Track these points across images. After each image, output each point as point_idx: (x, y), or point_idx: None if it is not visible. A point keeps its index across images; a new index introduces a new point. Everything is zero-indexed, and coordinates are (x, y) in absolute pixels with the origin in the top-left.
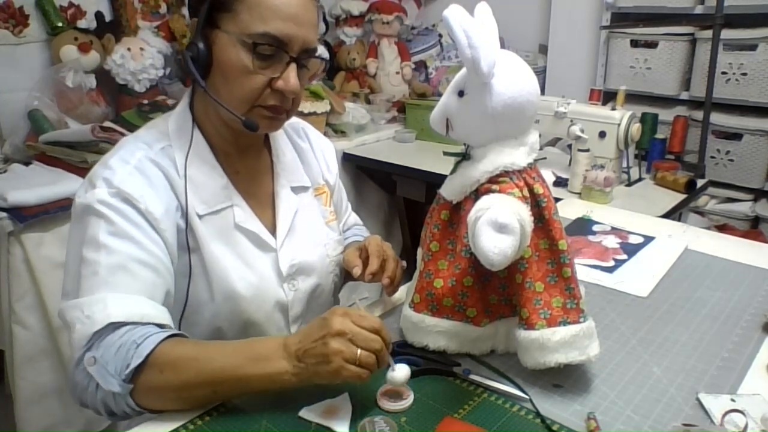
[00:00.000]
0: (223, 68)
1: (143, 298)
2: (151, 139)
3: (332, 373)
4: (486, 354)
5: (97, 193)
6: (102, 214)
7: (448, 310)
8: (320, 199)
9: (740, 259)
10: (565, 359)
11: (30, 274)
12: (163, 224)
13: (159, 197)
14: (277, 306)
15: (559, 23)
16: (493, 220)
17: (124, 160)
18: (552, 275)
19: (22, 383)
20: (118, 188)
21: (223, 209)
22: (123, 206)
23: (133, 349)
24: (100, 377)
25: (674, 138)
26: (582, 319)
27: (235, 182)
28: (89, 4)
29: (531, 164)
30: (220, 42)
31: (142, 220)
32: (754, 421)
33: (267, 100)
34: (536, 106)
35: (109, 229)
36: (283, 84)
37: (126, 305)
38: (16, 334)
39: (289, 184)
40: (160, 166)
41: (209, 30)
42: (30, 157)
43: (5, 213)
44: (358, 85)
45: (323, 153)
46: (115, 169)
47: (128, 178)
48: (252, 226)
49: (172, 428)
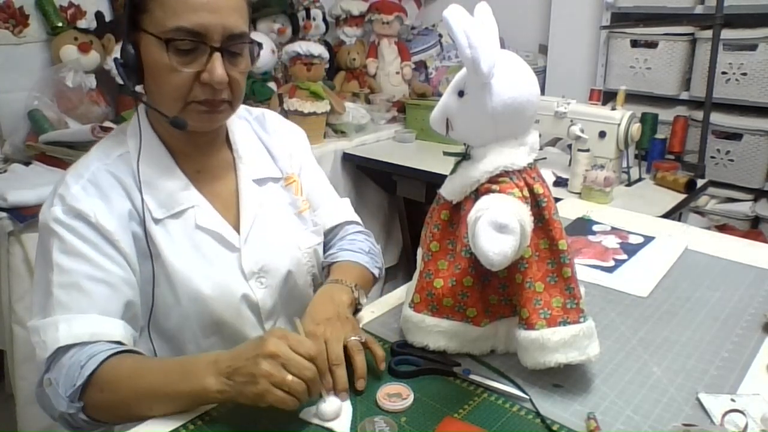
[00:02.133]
0: (150, 70)
1: (95, 316)
2: (109, 148)
3: (257, 395)
4: (486, 354)
5: (53, 212)
6: (55, 233)
7: (448, 310)
8: (290, 189)
9: (740, 259)
10: (565, 359)
11: (30, 274)
12: (117, 236)
13: (111, 209)
14: (246, 303)
15: (559, 23)
16: (493, 220)
17: (79, 174)
18: (552, 275)
19: (22, 383)
20: (70, 205)
21: (184, 211)
22: (75, 223)
23: (78, 370)
24: (54, 398)
25: (674, 138)
26: (582, 319)
27: (197, 182)
28: (89, 4)
29: (531, 164)
30: (144, 44)
31: (95, 234)
32: (754, 421)
33: (198, 95)
34: (536, 106)
35: (61, 247)
36: (208, 76)
37: (76, 326)
38: (16, 334)
39: (251, 177)
40: (115, 175)
41: (135, 34)
42: (30, 157)
43: (5, 213)
44: (358, 85)
45: (287, 141)
46: (69, 185)
47: (80, 193)
48: (214, 226)
49: (172, 428)
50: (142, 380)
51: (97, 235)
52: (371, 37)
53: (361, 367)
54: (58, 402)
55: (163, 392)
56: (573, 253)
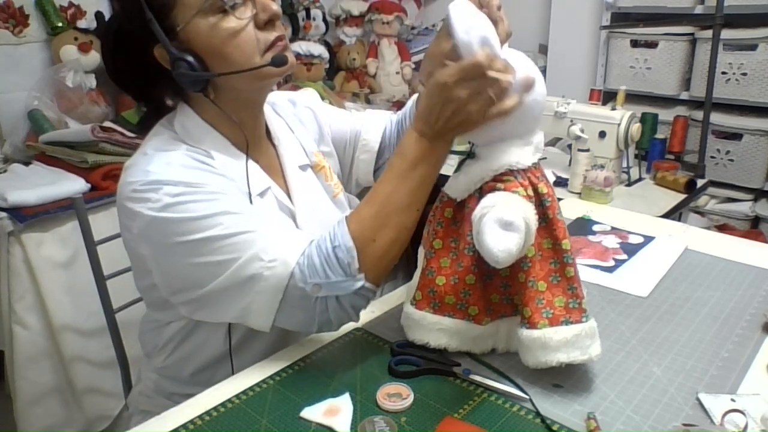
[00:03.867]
0: (212, 52)
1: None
2: (167, 147)
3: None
4: (486, 353)
5: (165, 191)
6: (181, 202)
7: (450, 308)
8: (321, 176)
9: (740, 259)
10: (567, 359)
11: (30, 274)
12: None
13: (217, 180)
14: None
15: (559, 23)
16: (499, 217)
17: (166, 162)
18: (555, 275)
19: (22, 383)
20: (180, 180)
21: (265, 191)
22: (190, 189)
23: (339, 251)
24: (336, 291)
25: (674, 138)
26: (584, 318)
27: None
28: (89, 4)
29: (536, 164)
30: (190, 37)
31: (215, 191)
32: (754, 421)
33: (267, 39)
34: (543, 105)
35: (198, 205)
36: (264, 14)
37: (289, 236)
38: (16, 334)
39: (295, 164)
40: (200, 160)
41: (172, 41)
42: (30, 157)
43: (5, 213)
44: (358, 85)
45: (305, 121)
46: (162, 172)
47: (183, 171)
48: (290, 205)
49: (172, 428)
50: (391, 196)
51: (218, 193)
52: (371, 37)
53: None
54: (345, 288)
55: (413, 182)
56: (574, 252)
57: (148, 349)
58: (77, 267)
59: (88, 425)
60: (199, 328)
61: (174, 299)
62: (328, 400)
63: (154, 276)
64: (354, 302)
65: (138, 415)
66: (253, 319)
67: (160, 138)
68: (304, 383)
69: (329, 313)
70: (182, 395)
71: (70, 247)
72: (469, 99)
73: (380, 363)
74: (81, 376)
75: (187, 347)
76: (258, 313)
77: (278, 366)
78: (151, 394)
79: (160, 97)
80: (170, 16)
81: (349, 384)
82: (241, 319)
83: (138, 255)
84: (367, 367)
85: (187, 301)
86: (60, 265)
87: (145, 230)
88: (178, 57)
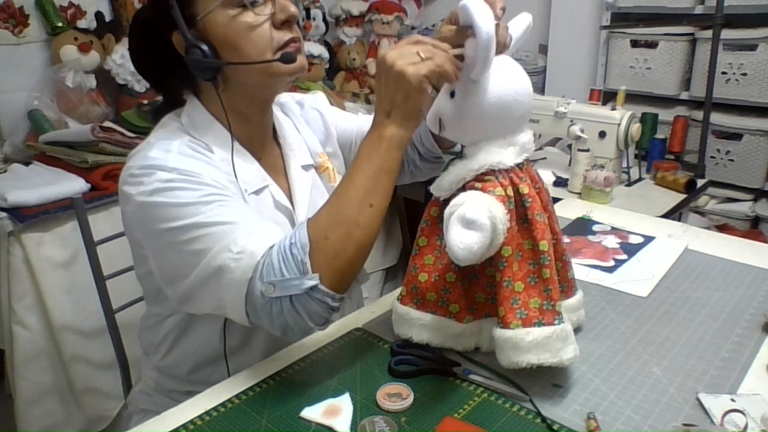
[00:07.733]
0: (227, 43)
1: (257, 221)
2: (170, 136)
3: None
4: (470, 351)
5: (158, 177)
6: (170, 188)
7: (432, 305)
8: (324, 177)
9: (740, 259)
10: (537, 360)
11: (30, 274)
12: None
13: (215, 172)
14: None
15: (559, 23)
16: (462, 215)
17: (165, 149)
18: (533, 276)
19: (22, 383)
20: (175, 167)
21: (262, 189)
22: (185, 177)
23: (294, 248)
24: (287, 291)
25: (674, 138)
26: (557, 321)
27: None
28: (89, 4)
29: (521, 164)
30: (208, 26)
31: (208, 184)
32: (754, 421)
33: (281, 38)
34: (526, 105)
35: (185, 193)
36: (282, 14)
37: (259, 234)
38: (16, 334)
39: (299, 164)
40: (198, 150)
41: (191, 29)
42: (30, 157)
43: (5, 213)
44: (358, 85)
45: (312, 121)
46: (159, 158)
47: (180, 159)
48: (288, 205)
49: (172, 428)
50: (346, 192)
51: (209, 184)
52: (371, 37)
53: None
54: (296, 287)
55: (363, 176)
56: (571, 253)
57: (147, 346)
58: (77, 267)
59: (88, 425)
60: (195, 324)
61: (167, 289)
62: (328, 400)
63: (150, 262)
64: (308, 306)
65: (138, 414)
66: (230, 313)
67: (166, 128)
68: (303, 383)
69: (285, 316)
70: (182, 393)
71: (70, 247)
72: (398, 57)
73: (380, 363)
74: (81, 376)
75: (184, 344)
76: (232, 306)
77: (278, 366)
78: (151, 392)
79: (175, 86)
80: (192, 4)
81: (349, 384)
82: (221, 311)
83: (134, 239)
84: (367, 367)
85: (175, 292)
86: (60, 265)
87: (136, 213)
88: (193, 43)
